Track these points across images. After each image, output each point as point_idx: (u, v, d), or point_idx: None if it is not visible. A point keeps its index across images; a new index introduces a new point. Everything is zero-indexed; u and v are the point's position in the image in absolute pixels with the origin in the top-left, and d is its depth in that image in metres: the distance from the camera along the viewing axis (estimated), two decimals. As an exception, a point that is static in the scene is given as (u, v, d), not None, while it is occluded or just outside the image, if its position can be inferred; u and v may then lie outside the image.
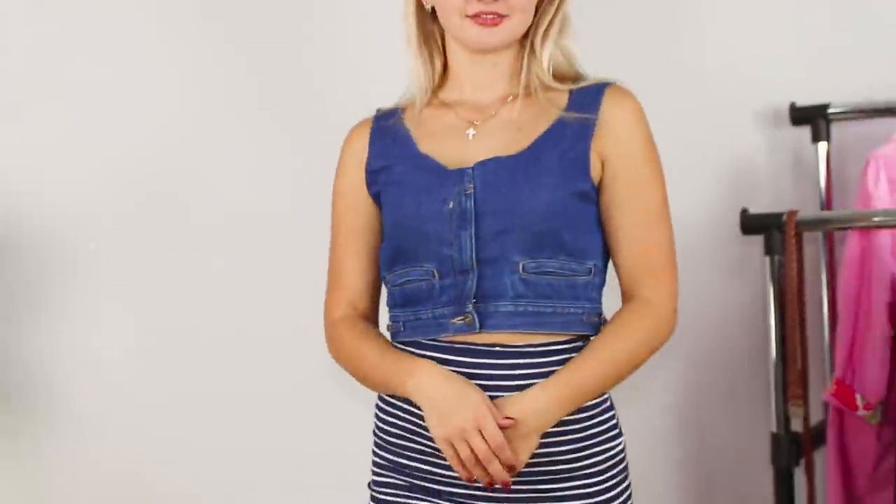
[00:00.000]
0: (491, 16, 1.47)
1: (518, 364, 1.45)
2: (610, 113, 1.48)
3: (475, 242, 1.46)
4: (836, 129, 2.15)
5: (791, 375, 1.97)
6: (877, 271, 1.97)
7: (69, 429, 2.30)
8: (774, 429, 2.00)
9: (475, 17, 1.46)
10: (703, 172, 2.25)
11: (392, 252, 1.54)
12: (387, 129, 1.61)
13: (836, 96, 2.14)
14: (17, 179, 2.27)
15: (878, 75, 2.17)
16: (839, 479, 2.06)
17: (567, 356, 1.46)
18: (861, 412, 1.97)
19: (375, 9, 1.74)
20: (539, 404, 1.42)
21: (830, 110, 2.12)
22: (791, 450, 1.99)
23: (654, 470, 2.28)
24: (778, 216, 1.96)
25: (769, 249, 1.99)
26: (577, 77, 1.53)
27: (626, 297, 1.52)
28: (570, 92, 1.51)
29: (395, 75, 1.64)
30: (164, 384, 2.29)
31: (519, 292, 1.45)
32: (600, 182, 1.49)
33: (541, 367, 1.45)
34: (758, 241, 2.07)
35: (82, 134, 2.28)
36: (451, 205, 1.47)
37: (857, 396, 1.96)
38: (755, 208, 2.05)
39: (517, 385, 1.45)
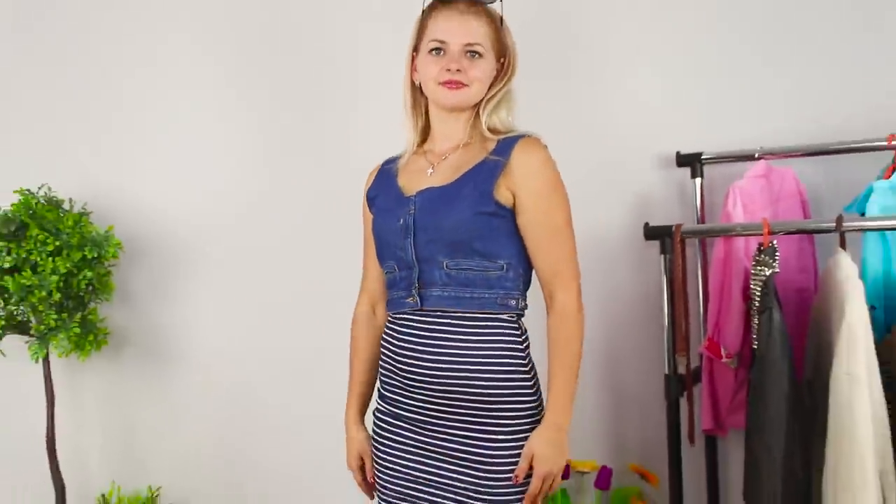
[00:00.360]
0: (455, 83, 1.59)
1: (452, 323, 1.57)
2: (517, 158, 1.56)
3: (415, 247, 1.59)
4: (707, 169, 2.24)
5: (678, 336, 2.07)
6: (735, 266, 2.08)
7: (190, 369, 2.61)
8: (667, 371, 2.10)
9: (445, 83, 1.59)
10: (620, 198, 2.35)
11: (378, 254, 1.69)
12: (387, 171, 1.73)
13: (707, 147, 2.23)
14: (158, 202, 2.56)
15: (735, 132, 2.23)
16: (709, 406, 2.17)
17: (486, 323, 1.56)
18: (724, 360, 2.08)
19: (391, 85, 1.80)
20: (554, 421, 1.54)
21: (703, 157, 2.22)
22: (678, 386, 2.09)
23: (586, 400, 2.32)
24: (668, 228, 2.05)
25: (663, 250, 2.07)
26: (508, 131, 1.63)
27: (545, 294, 1.60)
28: (498, 141, 1.60)
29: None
30: (254, 343, 2.55)
31: (445, 282, 1.58)
32: (514, 206, 1.56)
33: (467, 328, 1.57)
34: (655, 245, 2.15)
35: (203, 171, 2.55)
36: (401, 221, 1.60)
37: (722, 349, 2.07)
38: (653, 222, 2.13)
39: (453, 337, 1.57)
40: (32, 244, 2.25)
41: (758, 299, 1.89)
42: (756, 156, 2.16)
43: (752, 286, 1.95)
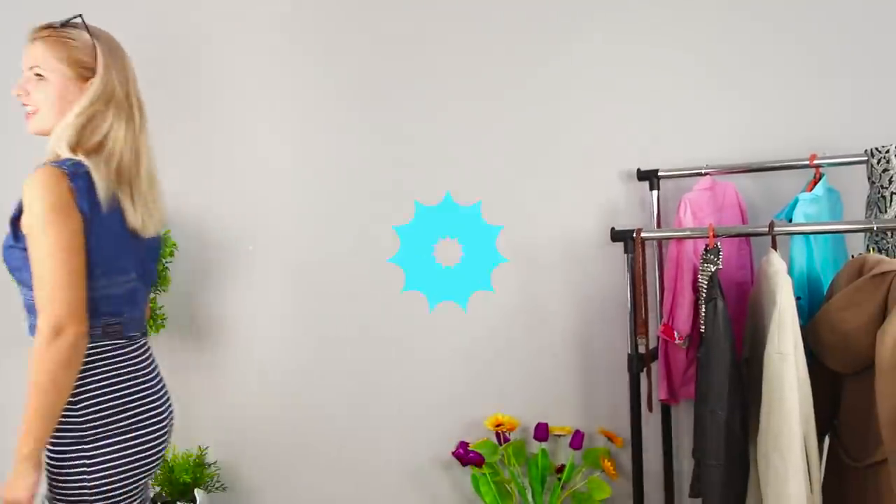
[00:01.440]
0: (28, 113, 1.39)
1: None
2: (22, 191, 1.32)
3: None
4: (662, 183, 2.23)
5: (638, 321, 2.04)
6: (685, 263, 2.08)
7: (232, 348, 2.58)
8: (629, 351, 2.05)
9: None
10: (591, 207, 2.33)
11: None
12: None
13: (663, 164, 2.23)
14: (206, 209, 2.51)
15: (686, 152, 2.23)
16: (665, 379, 2.17)
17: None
18: (677, 341, 2.07)
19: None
20: (17, 448, 1.28)
21: (660, 172, 2.21)
22: (638, 363, 2.04)
23: (563, 375, 2.38)
24: (631, 232, 2.03)
25: (626, 250, 2.05)
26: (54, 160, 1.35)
27: None
28: None
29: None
30: (285, 327, 2.49)
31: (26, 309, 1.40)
32: None
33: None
34: (620, 245, 2.19)
35: (243, 181, 2.49)
36: None
37: (675, 332, 2.06)
38: (618, 227, 2.14)
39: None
40: (103, 245, 2.25)
41: (705, 291, 1.88)
42: (703, 172, 2.16)
43: (700, 280, 1.93)
